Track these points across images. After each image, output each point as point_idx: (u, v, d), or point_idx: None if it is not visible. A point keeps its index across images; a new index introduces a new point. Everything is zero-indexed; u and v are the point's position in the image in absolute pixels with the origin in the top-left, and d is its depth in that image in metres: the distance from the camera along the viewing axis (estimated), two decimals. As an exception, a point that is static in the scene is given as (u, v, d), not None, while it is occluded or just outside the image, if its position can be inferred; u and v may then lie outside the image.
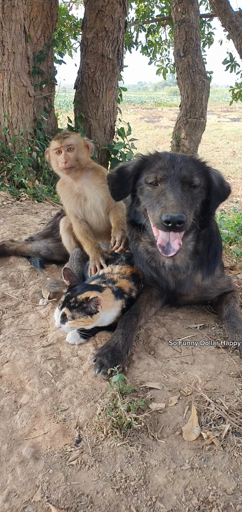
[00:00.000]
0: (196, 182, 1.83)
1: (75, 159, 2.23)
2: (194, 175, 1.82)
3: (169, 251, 1.73)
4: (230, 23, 7.00)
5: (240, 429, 1.36)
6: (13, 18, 4.64)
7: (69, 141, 2.23)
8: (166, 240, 1.74)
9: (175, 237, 1.75)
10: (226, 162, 13.31)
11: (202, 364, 1.70)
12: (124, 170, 2.00)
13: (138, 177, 1.93)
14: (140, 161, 1.96)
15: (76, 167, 2.25)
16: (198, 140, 7.58)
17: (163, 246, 1.73)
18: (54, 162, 2.29)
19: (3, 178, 4.73)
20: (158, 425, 1.39)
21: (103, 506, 1.14)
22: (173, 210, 1.64)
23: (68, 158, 2.21)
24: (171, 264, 1.93)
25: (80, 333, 1.80)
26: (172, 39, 10.07)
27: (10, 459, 1.28)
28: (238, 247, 3.48)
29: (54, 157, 2.26)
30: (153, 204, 1.79)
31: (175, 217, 1.62)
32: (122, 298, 1.92)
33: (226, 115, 24.56)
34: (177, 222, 1.62)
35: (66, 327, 1.75)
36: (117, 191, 2.03)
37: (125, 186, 1.98)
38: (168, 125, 19.63)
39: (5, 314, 2.07)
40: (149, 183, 1.84)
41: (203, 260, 1.96)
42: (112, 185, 2.03)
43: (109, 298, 1.85)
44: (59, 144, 2.22)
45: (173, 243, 1.73)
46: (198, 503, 1.14)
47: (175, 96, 34.75)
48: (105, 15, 5.86)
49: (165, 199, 1.71)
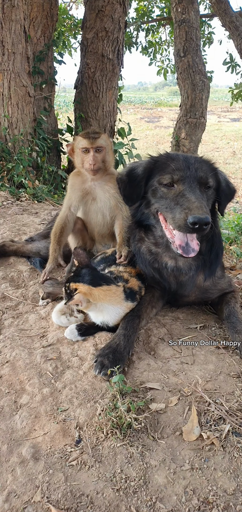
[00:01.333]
0: (210, 183, 1.85)
1: (102, 161, 2.19)
2: (208, 176, 1.84)
3: (189, 251, 1.72)
4: (230, 23, 7.00)
5: (240, 430, 1.36)
6: (13, 18, 4.64)
7: (100, 142, 2.17)
8: (184, 240, 1.74)
9: (192, 238, 1.75)
10: (226, 162, 13.31)
11: (202, 365, 1.70)
12: (134, 173, 1.96)
13: (149, 179, 1.91)
14: (150, 162, 1.94)
15: (102, 169, 2.21)
16: (198, 140, 7.58)
17: (183, 247, 1.73)
18: (79, 160, 2.22)
19: (3, 178, 4.72)
20: (158, 425, 1.39)
21: (103, 507, 1.13)
22: (199, 211, 1.63)
23: (96, 160, 2.15)
24: (173, 265, 1.92)
25: (79, 330, 1.80)
26: (172, 39, 10.07)
27: (10, 460, 1.28)
28: (238, 247, 3.47)
29: (81, 155, 2.20)
30: (171, 205, 1.77)
31: (203, 219, 1.61)
32: (133, 301, 1.88)
33: (226, 115, 24.56)
34: (204, 223, 1.61)
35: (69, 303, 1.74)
36: (129, 195, 1.99)
37: (137, 189, 1.95)
38: (168, 125, 19.63)
39: (5, 314, 2.07)
40: (164, 184, 1.82)
41: (205, 261, 1.95)
42: (124, 190, 1.99)
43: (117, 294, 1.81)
44: (89, 144, 2.15)
45: (191, 243, 1.74)
46: (198, 503, 1.14)
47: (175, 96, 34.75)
48: (105, 15, 5.86)
49: (187, 201, 1.70)
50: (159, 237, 1.94)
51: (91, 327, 1.85)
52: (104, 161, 2.21)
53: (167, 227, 1.83)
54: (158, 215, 1.90)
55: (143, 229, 2.02)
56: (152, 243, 1.98)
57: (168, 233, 1.83)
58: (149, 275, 2.02)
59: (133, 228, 2.11)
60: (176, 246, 1.76)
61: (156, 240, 1.96)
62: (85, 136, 2.17)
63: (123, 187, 2.00)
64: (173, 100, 33.07)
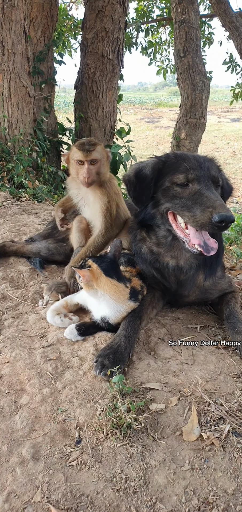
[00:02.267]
0: (220, 182, 1.88)
1: (97, 173, 2.19)
2: (218, 174, 1.86)
3: (209, 250, 1.73)
4: (230, 23, 6.99)
5: (240, 430, 1.36)
6: (13, 18, 4.64)
7: (95, 155, 2.16)
8: (202, 239, 1.74)
9: (208, 237, 1.76)
10: (226, 163, 13.30)
11: (202, 365, 1.70)
12: (142, 173, 1.95)
13: (158, 179, 1.90)
14: (157, 162, 1.94)
15: (97, 181, 2.22)
16: (198, 140, 7.58)
17: (202, 246, 1.73)
18: (74, 170, 2.24)
19: (3, 178, 4.73)
20: (158, 425, 1.39)
21: (103, 507, 1.13)
22: (224, 210, 1.63)
23: (91, 173, 2.15)
24: (174, 264, 1.93)
25: (78, 330, 1.80)
26: (171, 39, 10.07)
27: (10, 460, 1.28)
28: (238, 247, 3.47)
29: (75, 166, 2.21)
30: (187, 204, 1.76)
31: (229, 217, 1.61)
32: (136, 301, 1.89)
33: (226, 116, 24.56)
34: (230, 221, 1.62)
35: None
36: (139, 197, 1.96)
37: (146, 190, 1.93)
38: (168, 126, 19.64)
39: (5, 314, 2.07)
40: (178, 184, 1.81)
41: (206, 260, 1.96)
42: (134, 191, 1.97)
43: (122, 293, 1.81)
44: (84, 156, 2.15)
45: (209, 242, 1.74)
46: (198, 503, 1.14)
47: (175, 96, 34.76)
48: (105, 15, 5.86)
49: (208, 199, 1.70)
50: (162, 237, 1.94)
51: (91, 327, 1.85)
52: (99, 173, 2.21)
53: (178, 226, 1.83)
54: (166, 214, 1.89)
55: (145, 229, 2.02)
56: (154, 243, 1.98)
57: (179, 232, 1.82)
58: (149, 275, 2.02)
59: (134, 229, 2.11)
60: (191, 245, 1.76)
61: (159, 240, 1.96)
62: (80, 148, 2.16)
63: (132, 189, 1.97)
64: (173, 100, 33.09)
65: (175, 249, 1.92)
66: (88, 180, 2.16)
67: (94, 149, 2.17)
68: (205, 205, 1.69)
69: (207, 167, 1.84)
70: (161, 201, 1.90)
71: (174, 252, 1.92)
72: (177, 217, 1.85)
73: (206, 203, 1.69)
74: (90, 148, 2.16)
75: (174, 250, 1.92)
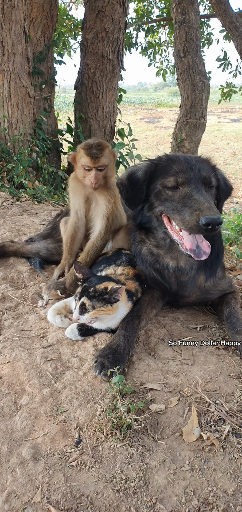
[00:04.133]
0: (213, 183, 1.86)
1: (104, 178, 2.17)
2: (211, 175, 1.85)
3: (201, 254, 1.72)
4: (230, 23, 6.98)
5: (240, 430, 1.36)
6: (13, 18, 4.64)
7: (103, 161, 2.12)
8: (195, 243, 1.73)
9: (201, 239, 1.75)
10: (226, 163, 13.31)
11: (202, 365, 1.70)
12: (135, 177, 1.95)
13: (150, 182, 1.91)
14: (149, 165, 1.94)
15: (103, 184, 2.19)
16: (198, 140, 7.57)
17: (194, 250, 1.72)
18: (80, 173, 2.18)
19: (3, 178, 4.73)
20: (158, 426, 1.39)
21: (103, 507, 1.13)
22: (210, 212, 1.63)
23: (98, 178, 2.12)
24: (174, 265, 1.93)
25: (80, 330, 1.81)
26: (171, 40, 10.07)
27: (10, 460, 1.28)
28: (238, 248, 3.47)
29: (82, 170, 2.16)
30: (177, 207, 1.76)
31: (216, 219, 1.61)
32: (131, 301, 1.91)
33: (226, 116, 24.55)
34: (217, 224, 1.61)
35: (86, 318, 1.70)
36: (131, 199, 1.97)
37: (139, 193, 1.93)
38: (168, 126, 19.63)
39: (5, 315, 2.07)
40: (168, 187, 1.81)
41: (206, 261, 1.95)
42: (126, 193, 1.98)
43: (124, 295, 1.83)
44: (92, 163, 2.09)
45: (201, 245, 1.73)
46: (198, 504, 1.14)
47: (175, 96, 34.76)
48: (105, 15, 5.86)
49: (196, 202, 1.69)
50: (161, 239, 1.94)
51: (92, 328, 1.85)
52: (106, 177, 2.19)
53: (173, 229, 1.83)
54: (161, 217, 1.89)
55: (144, 231, 2.02)
56: (153, 244, 1.98)
57: (174, 235, 1.82)
58: (149, 276, 2.03)
59: (133, 231, 2.12)
60: (185, 248, 1.75)
61: (158, 242, 1.96)
62: (88, 154, 2.10)
63: (125, 191, 1.99)
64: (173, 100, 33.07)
65: (175, 251, 1.92)
66: (96, 186, 2.13)
67: (102, 154, 2.11)
68: (193, 208, 1.68)
69: (198, 168, 1.82)
70: (154, 204, 1.91)
71: (174, 253, 1.92)
72: (171, 220, 1.85)
73: (194, 206, 1.68)
74: (98, 154, 2.10)
75: (173, 252, 1.92)
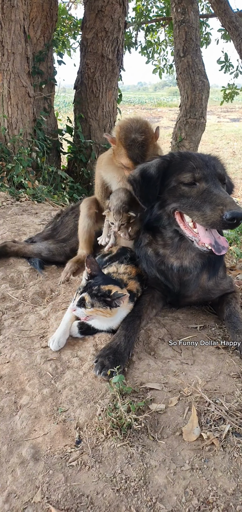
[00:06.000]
0: (225, 180, 1.88)
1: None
2: (224, 172, 1.88)
3: (220, 249, 1.73)
4: (230, 23, 6.98)
5: (240, 430, 1.36)
6: (12, 18, 4.64)
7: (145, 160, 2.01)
8: (213, 238, 1.74)
9: (218, 235, 1.76)
10: (226, 162, 13.25)
11: (202, 365, 1.70)
12: (148, 173, 1.92)
13: (164, 179, 1.89)
14: (162, 162, 1.92)
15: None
16: (198, 140, 7.57)
17: (213, 245, 1.72)
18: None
19: (3, 178, 4.73)
20: (158, 425, 1.39)
21: (103, 507, 1.13)
22: (235, 206, 1.63)
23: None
24: (179, 265, 1.93)
25: (80, 328, 1.81)
26: (169, 39, 10.06)
27: (10, 460, 1.28)
28: (238, 247, 3.48)
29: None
30: (196, 203, 1.75)
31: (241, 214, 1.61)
32: (132, 302, 1.91)
33: (226, 116, 24.56)
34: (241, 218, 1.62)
35: (81, 312, 1.70)
36: (145, 196, 1.94)
37: (152, 190, 1.91)
38: (167, 126, 19.60)
39: (5, 314, 2.07)
40: (185, 183, 1.81)
41: (210, 259, 1.95)
42: (140, 191, 1.93)
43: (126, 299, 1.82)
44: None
45: (219, 241, 1.74)
46: (198, 503, 1.14)
47: (175, 96, 34.75)
48: (105, 15, 5.87)
49: (217, 197, 1.69)
50: (169, 238, 1.94)
51: (93, 328, 1.85)
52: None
53: (186, 226, 1.82)
54: (173, 214, 1.87)
55: (151, 233, 2.01)
56: (160, 245, 1.97)
57: (188, 232, 1.81)
58: (151, 276, 2.02)
59: (143, 232, 2.09)
60: (202, 244, 1.75)
61: (165, 242, 1.95)
62: (130, 157, 2.02)
63: (139, 188, 1.94)
64: (173, 100, 33.08)
65: (181, 250, 1.91)
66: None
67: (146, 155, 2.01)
68: (215, 203, 1.68)
69: (213, 165, 1.84)
70: (167, 201, 1.88)
71: (180, 253, 1.92)
72: (184, 217, 1.84)
73: (216, 201, 1.68)
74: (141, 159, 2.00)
75: (180, 251, 1.91)
